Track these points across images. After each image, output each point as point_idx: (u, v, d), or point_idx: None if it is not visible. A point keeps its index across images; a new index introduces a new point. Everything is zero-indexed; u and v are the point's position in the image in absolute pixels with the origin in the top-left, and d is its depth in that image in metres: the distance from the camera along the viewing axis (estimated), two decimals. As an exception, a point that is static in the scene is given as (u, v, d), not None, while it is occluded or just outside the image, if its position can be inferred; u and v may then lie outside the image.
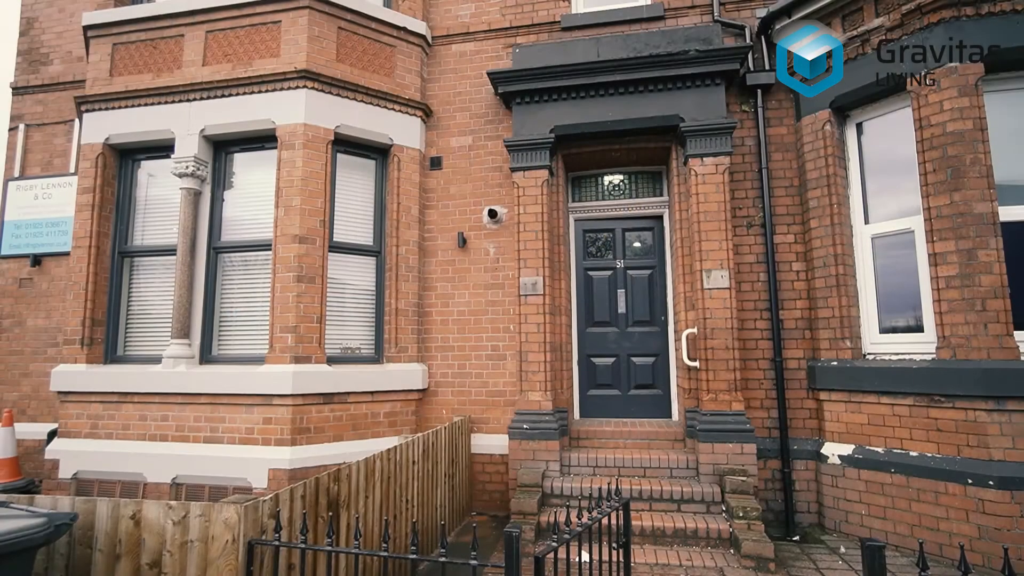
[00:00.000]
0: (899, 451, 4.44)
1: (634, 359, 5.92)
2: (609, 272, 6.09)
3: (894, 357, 4.65)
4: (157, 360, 5.41)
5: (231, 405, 5.09)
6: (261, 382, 5.02)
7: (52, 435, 5.66)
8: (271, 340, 5.13)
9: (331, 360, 5.35)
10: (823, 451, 4.91)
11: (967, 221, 4.17)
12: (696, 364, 5.15)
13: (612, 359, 5.96)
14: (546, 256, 5.48)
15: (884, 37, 4.71)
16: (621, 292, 6.02)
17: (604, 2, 6.18)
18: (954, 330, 4.17)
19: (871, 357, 4.82)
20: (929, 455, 4.25)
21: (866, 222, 5.04)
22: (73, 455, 5.28)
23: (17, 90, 7.20)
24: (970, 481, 3.97)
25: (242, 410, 5.06)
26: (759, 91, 5.44)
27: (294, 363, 5.05)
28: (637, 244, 6.11)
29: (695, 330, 5.19)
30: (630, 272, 6.05)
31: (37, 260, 6.70)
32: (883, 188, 4.99)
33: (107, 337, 5.68)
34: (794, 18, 5.22)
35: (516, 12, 6.18)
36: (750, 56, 5.48)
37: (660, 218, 6.06)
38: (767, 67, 5.50)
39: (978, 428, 4.01)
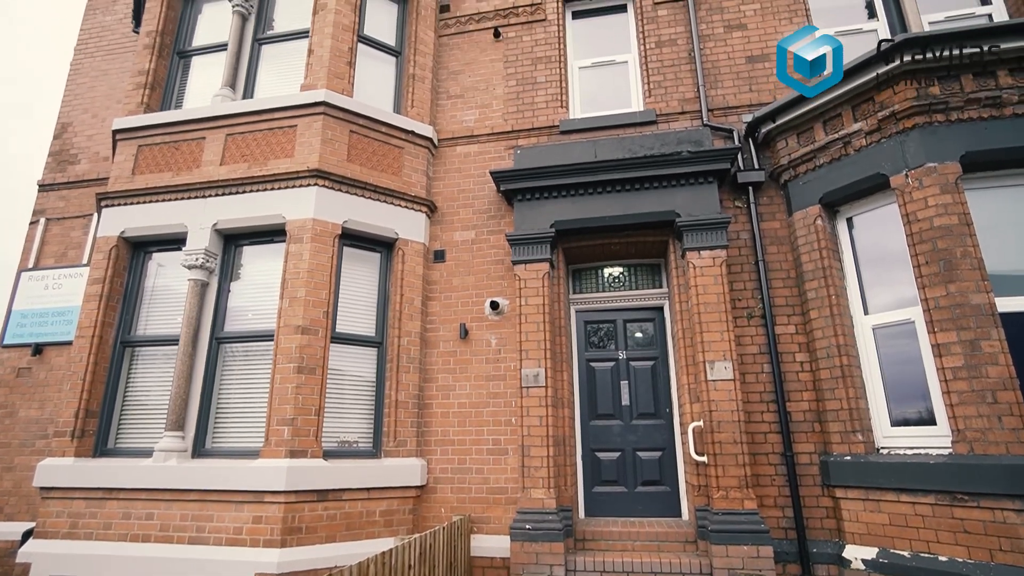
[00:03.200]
0: (927, 555, 4.16)
1: (640, 454, 5.72)
2: (611, 363, 6.04)
3: (909, 451, 4.49)
4: (148, 453, 5.24)
5: (221, 502, 4.86)
6: (254, 477, 4.82)
7: (27, 535, 5.35)
8: (267, 433, 5.00)
9: (327, 454, 5.18)
10: (845, 555, 4.60)
11: (966, 312, 4.20)
12: (704, 459, 4.97)
13: (617, 454, 5.76)
14: (548, 347, 5.47)
15: (864, 140, 5.00)
16: (624, 383, 5.93)
17: (599, 108, 6.64)
18: (968, 423, 4.06)
19: (885, 451, 4.66)
20: (960, 560, 3.98)
21: (865, 312, 5.07)
22: (47, 558, 4.96)
23: (44, 187, 7.56)
24: (1007, 590, 3.69)
25: (232, 508, 4.83)
26: (751, 188, 5.69)
27: (289, 457, 4.88)
28: (639, 335, 6.12)
29: (701, 423, 5.06)
30: (632, 363, 6.00)
31: (38, 349, 6.69)
32: (879, 279, 5.07)
33: (99, 429, 5.54)
34: (778, 123, 5.57)
35: (517, 117, 6.62)
36: (739, 156, 5.78)
37: (660, 309, 6.11)
38: (756, 166, 5.79)
39: (1009, 530, 3.78)
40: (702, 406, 5.06)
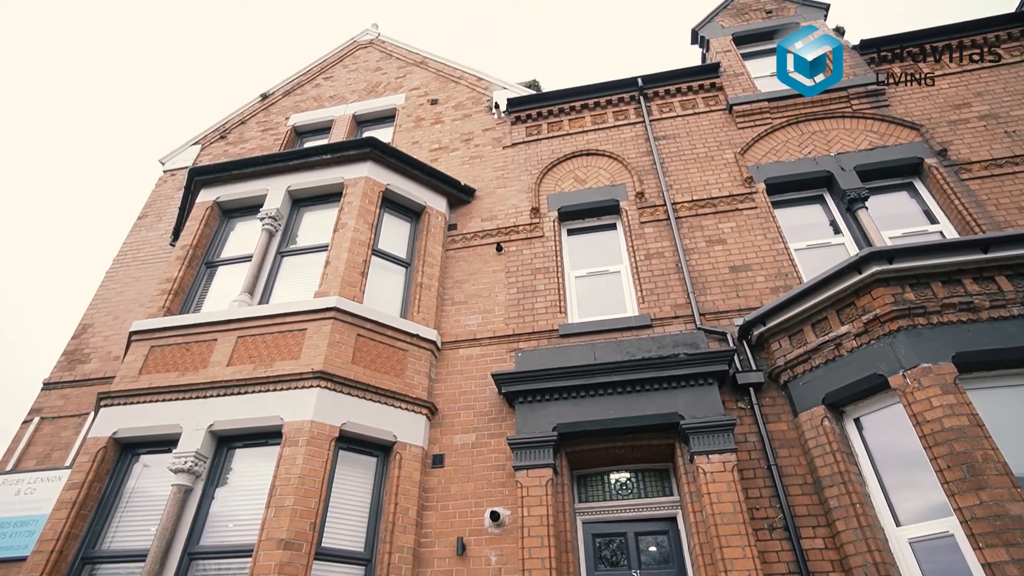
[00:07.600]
0: None
1: None
2: (625, 585, 5.38)
3: None
4: None
5: None
6: None
7: None
8: None
9: None
10: None
11: (1008, 524, 3.86)
12: None
13: None
14: (553, 566, 4.91)
15: (855, 342, 5.15)
16: (641, 611, 5.20)
17: (596, 314, 6.98)
18: (1049, 666, 3.45)
19: None
20: None
21: (897, 524, 4.66)
22: None
23: (48, 385, 7.59)
24: None
25: None
26: (751, 389, 5.69)
27: None
28: (653, 549, 5.55)
29: (736, 665, 4.31)
30: (649, 585, 5.34)
31: (-14, 568, 6.04)
32: (902, 483, 4.77)
33: (28, 673, 4.72)
34: (769, 326, 5.80)
35: (518, 322, 6.93)
36: (736, 358, 5.90)
37: (674, 519, 5.64)
38: (754, 367, 5.87)
39: None
40: (734, 642, 4.36)
